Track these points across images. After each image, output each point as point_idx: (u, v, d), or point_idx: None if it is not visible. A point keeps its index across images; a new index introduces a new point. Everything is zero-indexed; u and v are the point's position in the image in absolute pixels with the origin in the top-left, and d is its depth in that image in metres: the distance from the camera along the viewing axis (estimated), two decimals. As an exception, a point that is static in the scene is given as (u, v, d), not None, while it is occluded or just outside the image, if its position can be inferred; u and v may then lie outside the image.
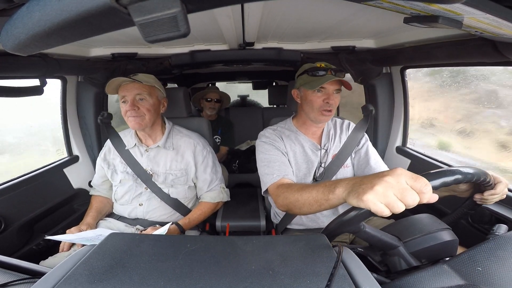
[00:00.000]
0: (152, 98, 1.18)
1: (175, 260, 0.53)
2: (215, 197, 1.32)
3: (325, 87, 1.05)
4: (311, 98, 1.07)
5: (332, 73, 1.04)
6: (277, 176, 1.00)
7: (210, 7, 0.27)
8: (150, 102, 1.17)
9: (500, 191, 0.73)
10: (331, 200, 0.66)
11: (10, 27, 0.31)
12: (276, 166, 1.04)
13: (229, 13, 0.89)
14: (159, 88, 1.22)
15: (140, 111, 1.15)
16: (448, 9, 0.52)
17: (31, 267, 0.60)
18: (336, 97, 1.06)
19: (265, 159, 1.08)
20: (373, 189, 0.52)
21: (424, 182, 0.50)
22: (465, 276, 0.51)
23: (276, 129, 1.19)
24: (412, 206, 0.50)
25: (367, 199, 0.52)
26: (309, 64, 1.11)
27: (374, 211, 0.52)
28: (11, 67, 0.97)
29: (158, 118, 1.26)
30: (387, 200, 0.50)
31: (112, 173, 1.30)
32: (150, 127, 1.23)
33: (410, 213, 0.71)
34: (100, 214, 1.28)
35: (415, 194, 0.50)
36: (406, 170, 0.53)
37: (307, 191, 0.76)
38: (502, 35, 0.69)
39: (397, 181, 0.51)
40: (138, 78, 1.15)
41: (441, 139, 1.76)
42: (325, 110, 1.06)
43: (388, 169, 1.13)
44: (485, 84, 1.47)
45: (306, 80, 1.08)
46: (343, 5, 0.83)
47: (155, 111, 1.20)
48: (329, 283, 0.45)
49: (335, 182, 0.67)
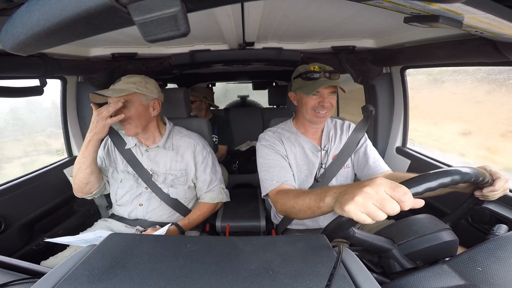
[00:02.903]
0: (133, 106, 1.12)
1: (175, 260, 0.53)
2: (215, 198, 1.32)
3: (320, 90, 1.05)
4: (306, 101, 1.08)
5: (326, 76, 1.04)
6: (276, 182, 1.02)
7: (210, 6, 0.27)
8: (131, 111, 1.12)
9: (499, 187, 0.73)
10: (322, 208, 0.69)
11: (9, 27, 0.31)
12: (276, 172, 1.05)
13: (229, 13, 0.89)
14: (143, 92, 1.14)
15: (124, 119, 1.11)
16: (449, 9, 0.52)
17: (31, 267, 0.60)
18: (331, 99, 1.07)
19: (265, 164, 1.09)
20: (354, 199, 0.54)
21: (403, 191, 0.51)
22: (465, 276, 0.51)
23: (276, 131, 1.19)
24: (393, 214, 0.52)
25: (348, 209, 0.55)
26: (303, 67, 1.11)
27: (357, 220, 0.54)
28: (11, 67, 0.97)
29: (151, 121, 1.22)
30: (367, 210, 0.53)
31: (113, 170, 1.29)
32: (142, 132, 1.20)
33: (410, 213, 0.71)
34: (97, 170, 1.21)
35: (394, 203, 0.51)
36: (386, 180, 0.55)
37: (301, 199, 0.79)
38: (502, 35, 0.69)
39: (375, 191, 0.53)
40: (117, 87, 1.10)
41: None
42: (320, 111, 1.07)
43: (388, 167, 1.13)
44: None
45: (301, 84, 1.08)
46: (343, 5, 0.83)
47: (141, 117, 1.15)
48: (329, 283, 0.45)
49: (326, 190, 0.70)
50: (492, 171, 0.74)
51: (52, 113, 1.88)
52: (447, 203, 1.18)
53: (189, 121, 1.48)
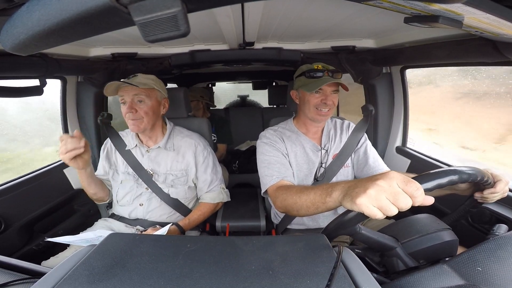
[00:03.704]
0: (151, 101, 1.16)
1: (175, 260, 0.53)
2: (215, 198, 1.32)
3: (323, 88, 1.06)
4: (308, 99, 1.09)
5: (329, 75, 1.05)
6: (277, 178, 1.01)
7: (210, 6, 0.27)
8: (149, 105, 1.16)
9: (500, 189, 0.73)
10: (328, 203, 0.67)
11: (10, 27, 0.31)
12: (276, 168, 1.05)
13: (229, 13, 0.89)
14: (159, 89, 1.20)
15: (138, 113, 1.14)
16: (449, 9, 0.52)
17: (31, 267, 0.60)
18: (333, 97, 1.08)
19: (265, 160, 1.09)
20: (366, 192, 0.52)
21: (416, 186, 0.50)
22: (465, 276, 0.51)
23: (277, 130, 1.20)
24: (405, 209, 0.50)
25: (360, 203, 0.52)
26: (306, 66, 1.12)
27: (368, 214, 0.52)
28: (11, 67, 0.97)
29: (158, 120, 1.25)
30: (380, 203, 0.51)
31: (113, 173, 1.29)
32: (150, 129, 1.22)
33: (410, 213, 0.71)
34: (97, 181, 1.25)
35: (407, 198, 0.50)
36: (399, 174, 0.54)
37: (305, 194, 0.77)
38: (502, 35, 0.69)
39: (389, 185, 0.52)
40: (136, 81, 1.14)
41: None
42: (322, 109, 1.08)
43: (387, 168, 1.14)
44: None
45: (304, 82, 1.09)
46: (343, 5, 0.83)
47: (154, 114, 1.19)
48: (329, 283, 0.45)
49: (332, 185, 0.68)
50: (493, 174, 0.74)
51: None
52: (447, 203, 1.18)
53: (189, 121, 1.48)
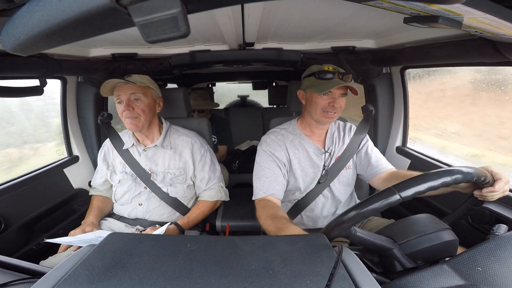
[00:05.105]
0: (147, 98, 1.18)
1: (175, 260, 0.53)
2: (213, 196, 1.32)
3: (332, 91, 1.05)
4: (316, 100, 1.07)
5: (340, 77, 1.04)
6: (264, 193, 1.07)
7: (210, 7, 0.27)
8: (145, 103, 1.17)
9: (499, 188, 0.72)
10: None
11: (10, 28, 0.31)
12: (266, 183, 1.08)
13: (229, 14, 0.89)
14: (154, 88, 1.22)
15: (134, 111, 1.15)
16: (448, 9, 0.52)
17: (31, 267, 0.60)
18: (341, 101, 1.07)
19: (258, 172, 1.12)
20: None
21: None
22: (465, 276, 0.51)
23: (279, 134, 1.18)
24: None
25: None
26: (316, 66, 1.10)
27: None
28: (11, 67, 0.97)
29: (155, 118, 1.26)
30: None
31: (111, 173, 1.30)
32: (147, 128, 1.23)
33: (410, 213, 0.71)
34: (102, 213, 1.28)
35: None
36: None
37: (272, 223, 0.91)
38: (502, 35, 0.69)
39: None
40: (132, 79, 1.15)
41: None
42: (329, 112, 1.06)
43: (391, 165, 1.14)
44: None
45: (313, 82, 1.07)
46: (343, 5, 0.83)
47: (151, 111, 1.20)
48: (329, 283, 0.45)
49: (285, 227, 0.83)
50: (493, 172, 0.74)
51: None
52: (447, 203, 1.18)
53: (189, 120, 1.49)
